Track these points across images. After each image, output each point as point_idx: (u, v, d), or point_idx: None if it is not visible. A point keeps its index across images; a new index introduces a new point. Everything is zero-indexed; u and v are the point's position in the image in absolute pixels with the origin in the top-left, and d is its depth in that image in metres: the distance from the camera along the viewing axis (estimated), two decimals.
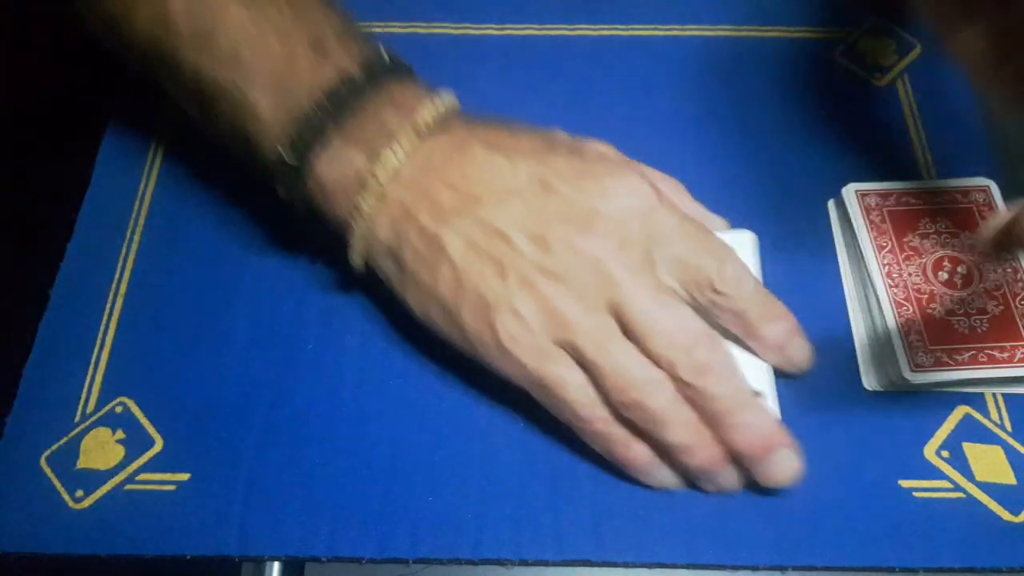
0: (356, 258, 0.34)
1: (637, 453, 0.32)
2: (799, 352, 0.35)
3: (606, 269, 0.31)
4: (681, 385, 0.31)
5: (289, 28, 0.33)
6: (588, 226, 0.31)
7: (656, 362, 0.31)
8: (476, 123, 0.34)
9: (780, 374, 0.36)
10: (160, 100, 0.45)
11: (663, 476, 0.33)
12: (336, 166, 0.32)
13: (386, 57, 0.34)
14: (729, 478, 0.33)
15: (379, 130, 0.32)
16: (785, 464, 0.32)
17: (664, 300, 0.31)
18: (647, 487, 0.33)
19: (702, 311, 0.33)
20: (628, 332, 0.31)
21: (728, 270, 0.32)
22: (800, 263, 0.39)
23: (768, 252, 0.39)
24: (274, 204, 0.35)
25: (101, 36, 0.37)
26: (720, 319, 0.33)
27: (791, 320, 0.35)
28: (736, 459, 0.32)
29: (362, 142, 0.32)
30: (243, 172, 0.36)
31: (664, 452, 0.32)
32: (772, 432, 0.32)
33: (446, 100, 0.34)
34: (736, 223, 0.40)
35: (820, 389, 0.36)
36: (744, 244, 0.37)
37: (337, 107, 0.32)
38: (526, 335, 0.30)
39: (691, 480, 0.33)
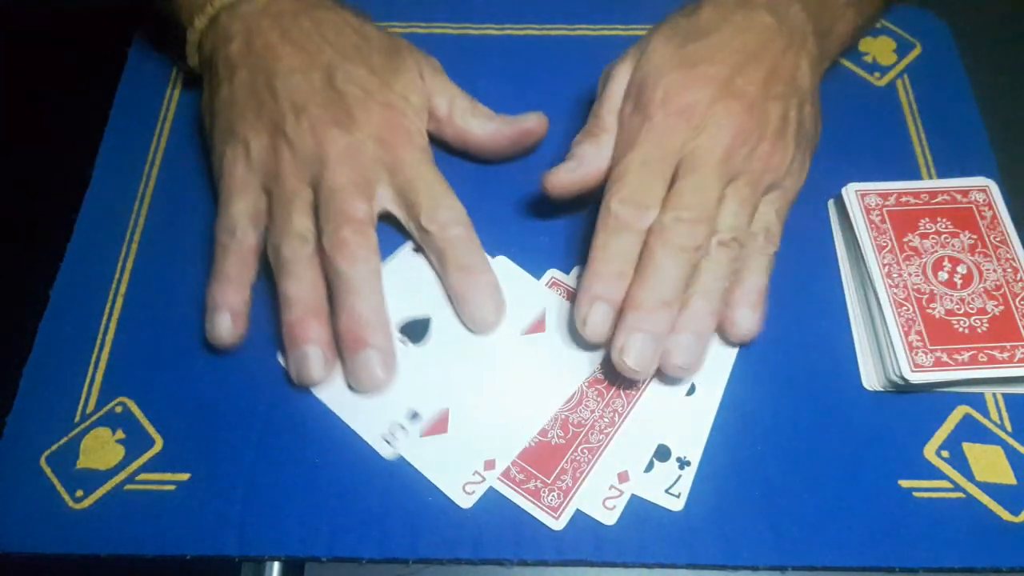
0: (190, 62, 0.42)
1: (224, 280, 0.36)
2: (478, 309, 0.36)
3: (325, 154, 0.36)
4: (321, 253, 0.35)
5: None
6: (338, 124, 0.37)
7: (317, 229, 0.36)
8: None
9: (781, 372, 0.36)
10: (160, 100, 0.45)
11: (219, 320, 0.36)
12: None
13: None
14: (314, 362, 0.34)
15: None
16: (367, 366, 0.34)
17: (348, 192, 0.36)
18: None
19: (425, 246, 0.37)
20: (314, 203, 0.36)
21: (441, 213, 0.36)
22: (800, 263, 0.39)
23: None
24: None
25: None
26: (427, 253, 0.38)
27: (482, 278, 0.36)
28: (338, 346, 0.35)
29: None
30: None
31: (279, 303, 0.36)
32: (369, 329, 0.34)
33: None
34: None
35: (820, 389, 0.36)
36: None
37: None
38: (245, 166, 0.37)
39: (290, 361, 0.35)
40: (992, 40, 0.54)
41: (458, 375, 0.36)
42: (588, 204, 0.39)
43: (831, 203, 0.41)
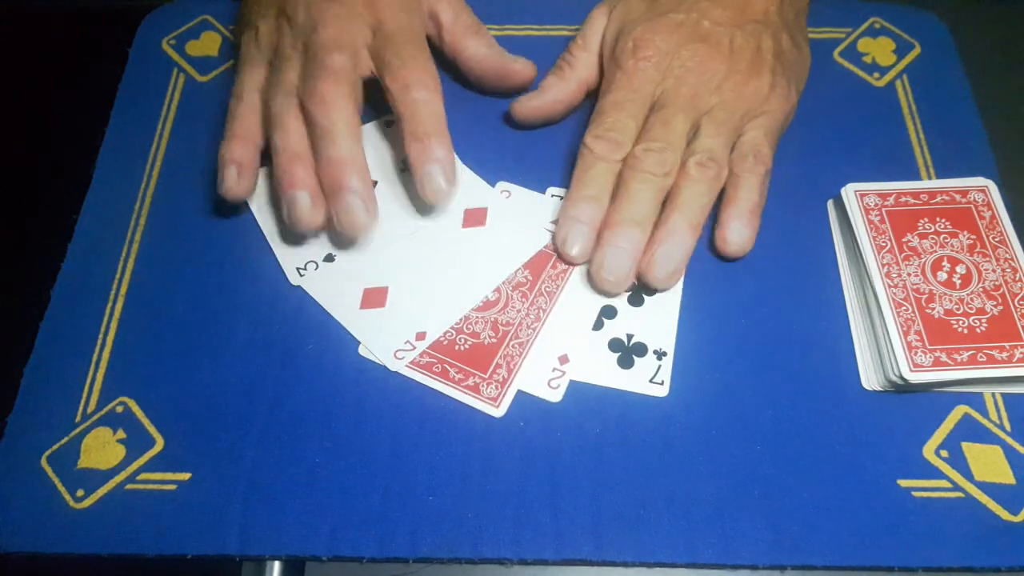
0: None
1: (231, 138, 0.38)
2: (429, 181, 0.37)
3: (316, 21, 0.39)
4: (303, 106, 0.37)
5: None
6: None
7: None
8: None
9: (780, 372, 0.36)
10: (161, 100, 0.45)
11: (226, 174, 0.38)
12: None
13: None
14: (302, 204, 0.36)
15: None
16: (349, 210, 0.36)
17: (329, 47, 0.38)
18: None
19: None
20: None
21: (406, 73, 0.38)
22: (800, 263, 0.39)
23: (768, 252, 0.40)
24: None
25: None
26: (393, 112, 0.39)
27: (437, 149, 0.37)
28: (323, 191, 0.37)
29: None
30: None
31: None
32: (346, 173, 0.36)
33: None
34: None
35: (820, 389, 0.36)
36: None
37: None
38: (255, 47, 0.41)
39: (283, 207, 0.37)
40: (992, 40, 0.54)
41: (400, 255, 0.39)
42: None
43: (830, 203, 0.41)
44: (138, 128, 0.44)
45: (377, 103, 0.43)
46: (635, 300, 0.38)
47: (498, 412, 0.35)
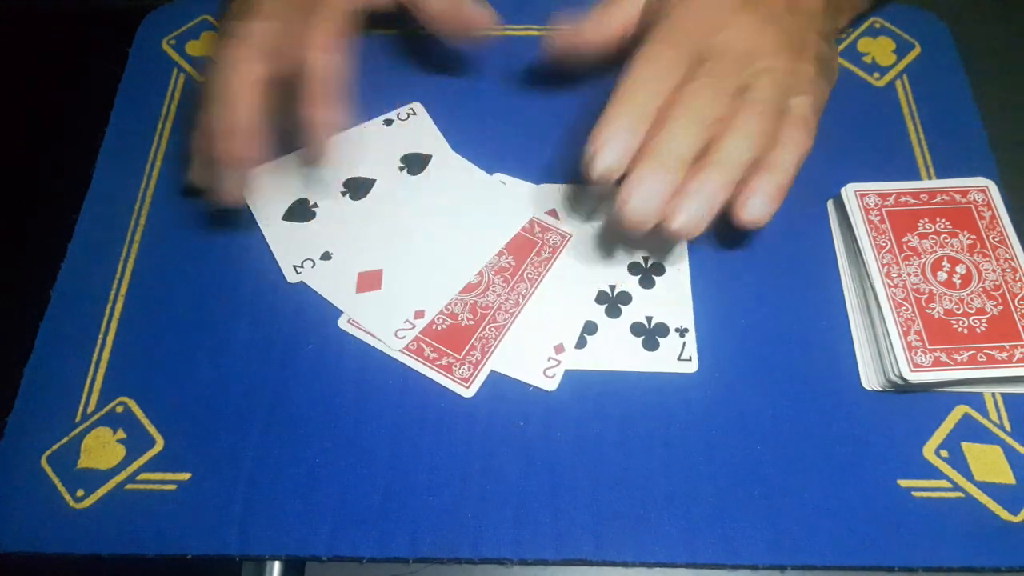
0: None
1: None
2: (308, 149, 0.38)
3: None
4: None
5: None
6: None
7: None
8: None
9: (780, 371, 0.36)
10: (161, 100, 0.45)
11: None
12: None
13: None
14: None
15: None
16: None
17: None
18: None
19: None
20: None
21: (311, 34, 0.37)
22: (800, 263, 0.39)
23: (768, 252, 0.40)
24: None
25: None
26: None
27: (324, 113, 0.36)
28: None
29: None
30: None
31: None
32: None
33: None
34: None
35: (820, 389, 0.36)
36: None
37: None
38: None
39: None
40: (991, 40, 0.54)
41: (392, 240, 0.40)
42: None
43: (830, 203, 0.41)
44: (138, 128, 0.44)
45: (372, 104, 0.43)
46: (646, 283, 0.39)
47: (468, 393, 0.36)
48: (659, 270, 0.39)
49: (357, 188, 0.41)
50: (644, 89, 0.35)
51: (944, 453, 0.35)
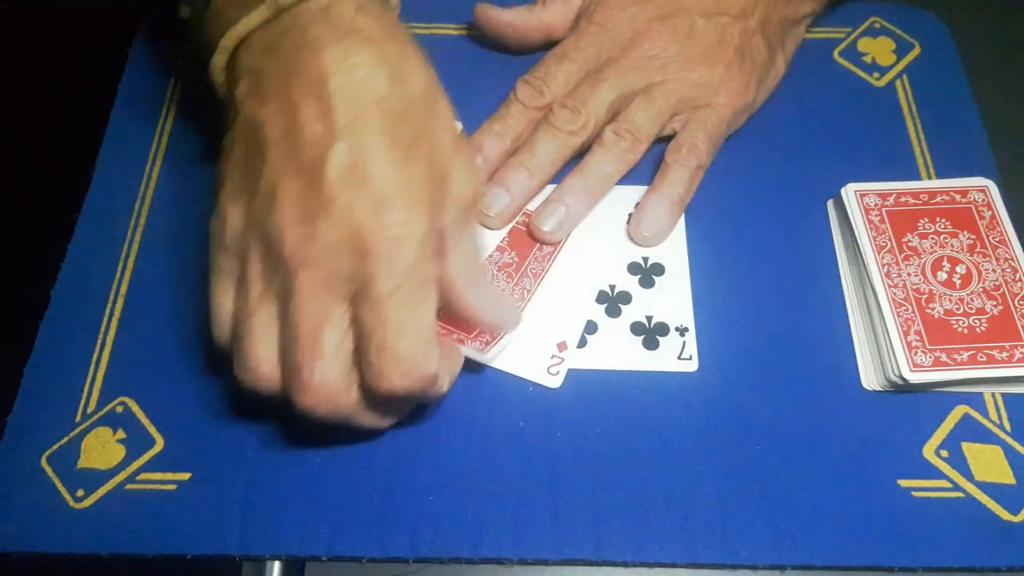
0: (218, 91, 0.35)
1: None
2: None
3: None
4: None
5: None
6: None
7: None
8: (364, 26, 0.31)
9: (780, 372, 0.36)
10: (161, 100, 0.45)
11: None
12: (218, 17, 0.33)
13: None
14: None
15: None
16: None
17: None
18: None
19: None
20: None
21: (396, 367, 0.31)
22: (800, 263, 0.39)
23: (768, 252, 0.40)
24: None
25: None
26: None
27: None
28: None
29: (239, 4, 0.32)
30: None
31: None
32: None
33: None
34: (736, 222, 0.41)
35: (820, 389, 0.36)
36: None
37: None
38: (227, 228, 0.31)
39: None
40: (991, 40, 0.54)
41: None
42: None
43: (830, 203, 0.41)
44: (138, 128, 0.44)
45: None
46: (646, 282, 0.39)
47: (487, 357, 0.34)
48: (659, 270, 0.39)
49: None
50: (516, 107, 0.40)
51: (944, 453, 0.35)
